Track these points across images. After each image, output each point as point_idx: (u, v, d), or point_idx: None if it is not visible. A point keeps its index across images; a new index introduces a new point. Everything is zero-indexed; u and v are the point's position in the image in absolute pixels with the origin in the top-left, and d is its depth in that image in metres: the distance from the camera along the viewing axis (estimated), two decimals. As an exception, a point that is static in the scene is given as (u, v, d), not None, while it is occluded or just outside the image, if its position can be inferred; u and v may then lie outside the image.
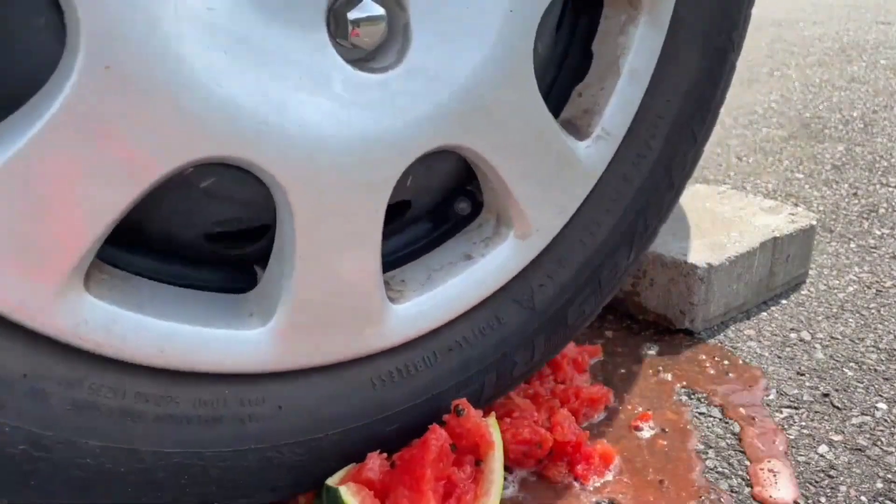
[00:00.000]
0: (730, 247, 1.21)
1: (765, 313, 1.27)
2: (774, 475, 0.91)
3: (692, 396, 1.06)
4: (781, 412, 1.03)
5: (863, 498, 0.88)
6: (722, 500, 0.88)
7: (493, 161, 0.78)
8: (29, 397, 0.63)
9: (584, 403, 1.01)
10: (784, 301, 1.30)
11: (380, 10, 0.67)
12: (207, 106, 0.61)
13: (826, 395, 1.06)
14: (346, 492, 0.76)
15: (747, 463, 0.94)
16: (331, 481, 0.79)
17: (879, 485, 0.90)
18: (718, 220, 1.30)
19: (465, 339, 0.86)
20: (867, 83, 2.55)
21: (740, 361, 1.14)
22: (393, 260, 0.85)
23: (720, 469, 0.93)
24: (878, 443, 0.97)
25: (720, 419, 1.01)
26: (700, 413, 1.03)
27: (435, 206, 0.88)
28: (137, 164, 0.60)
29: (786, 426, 1.00)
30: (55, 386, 0.63)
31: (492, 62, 0.74)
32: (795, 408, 1.04)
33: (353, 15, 0.66)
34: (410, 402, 0.84)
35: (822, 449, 0.96)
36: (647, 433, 0.99)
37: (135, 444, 0.68)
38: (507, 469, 0.91)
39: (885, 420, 1.01)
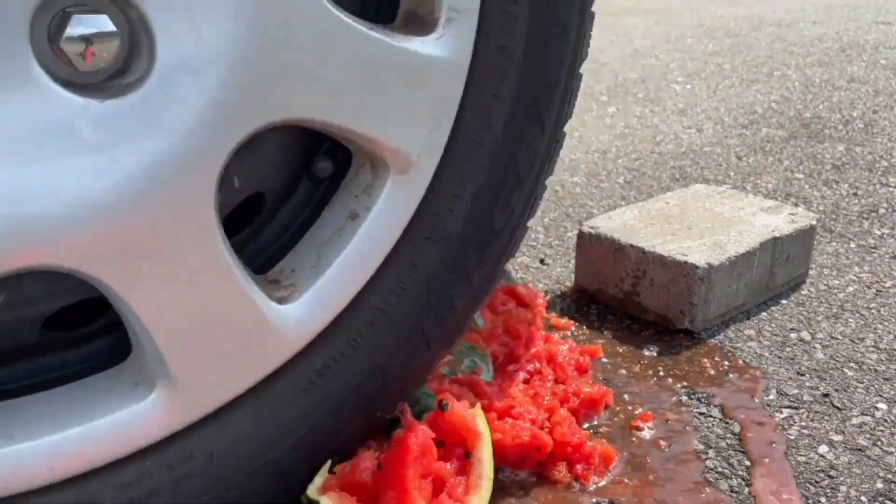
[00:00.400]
0: (730, 247, 1.21)
1: (765, 313, 1.26)
2: (776, 480, 0.91)
3: (692, 396, 1.06)
4: (781, 412, 1.03)
5: (863, 498, 0.88)
6: (722, 500, 0.88)
7: (339, 120, 0.68)
8: None
9: (584, 404, 1.01)
10: (784, 301, 1.30)
11: (109, 25, 0.57)
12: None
13: (826, 395, 1.06)
14: (327, 502, 0.76)
15: (747, 463, 0.94)
16: (311, 491, 0.78)
17: (879, 485, 0.90)
18: (718, 220, 1.30)
19: (386, 301, 0.79)
20: (867, 83, 2.55)
21: (740, 361, 1.14)
22: (274, 251, 0.78)
23: (720, 469, 0.93)
24: (879, 443, 0.97)
25: (720, 419, 1.01)
26: (700, 413, 1.03)
27: (291, 180, 0.79)
28: None
29: (786, 426, 1.00)
30: None
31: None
32: (795, 408, 1.04)
33: (75, 32, 0.56)
34: (354, 383, 0.79)
35: (823, 449, 0.96)
36: (647, 433, 0.99)
37: None
38: (507, 469, 0.91)
39: (886, 420, 1.01)
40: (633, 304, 1.25)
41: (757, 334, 1.21)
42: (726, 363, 1.13)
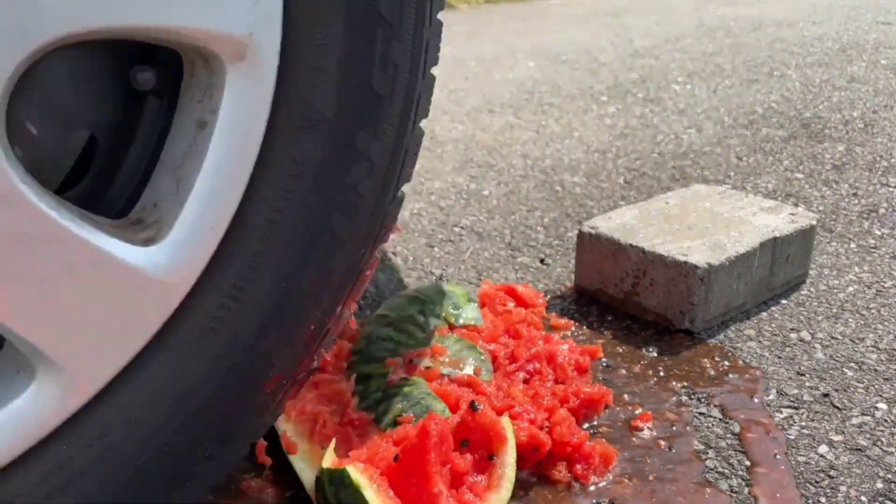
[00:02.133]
0: (730, 247, 1.21)
1: (765, 313, 1.26)
2: (776, 480, 0.91)
3: (692, 396, 1.06)
4: (781, 412, 1.03)
5: (863, 498, 0.88)
6: (722, 500, 0.88)
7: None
8: None
9: (584, 404, 1.01)
10: (784, 301, 1.30)
11: None
12: None
13: (826, 395, 1.06)
14: (353, 471, 0.77)
15: (747, 463, 0.94)
16: (327, 464, 0.79)
17: (879, 485, 0.90)
18: (718, 220, 1.30)
19: (275, 208, 0.69)
20: (867, 83, 2.55)
21: (740, 361, 1.14)
22: (132, 191, 0.69)
23: (720, 469, 0.93)
24: (879, 443, 0.97)
25: (720, 419, 1.01)
26: (700, 413, 1.03)
27: (115, 106, 0.68)
28: None
29: (786, 426, 1.00)
30: None
31: None
32: (795, 408, 1.04)
33: None
34: (267, 307, 0.71)
35: (823, 449, 0.96)
36: (647, 433, 0.99)
37: None
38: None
39: (886, 420, 1.01)
40: (633, 304, 1.25)
41: (757, 334, 1.21)
42: (726, 363, 1.13)
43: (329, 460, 0.81)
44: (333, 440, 0.84)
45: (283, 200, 0.69)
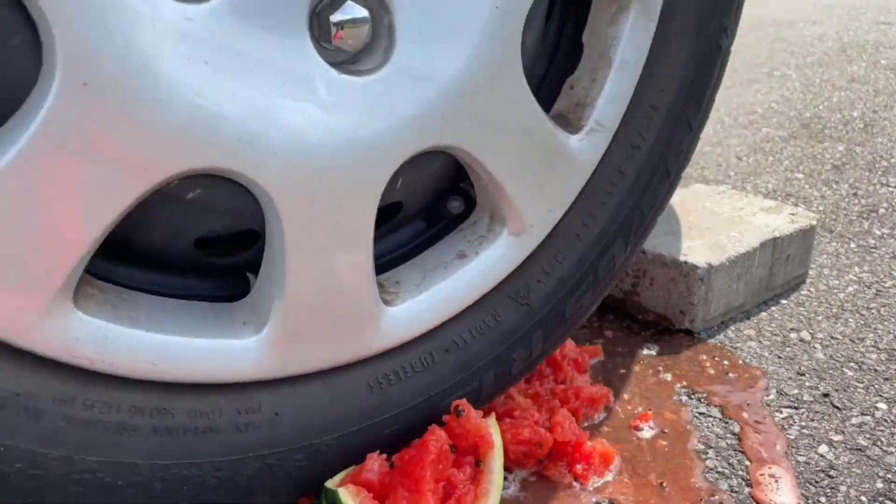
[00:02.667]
0: (730, 247, 1.21)
1: (765, 313, 1.27)
2: (776, 480, 0.91)
3: (692, 396, 1.06)
4: (781, 412, 1.03)
5: (863, 498, 0.88)
6: (722, 500, 0.88)
7: (483, 159, 0.78)
8: (22, 416, 0.62)
9: (584, 403, 1.01)
10: (784, 301, 1.30)
11: (363, 13, 0.66)
12: (189, 118, 0.60)
13: (826, 395, 1.06)
14: (344, 493, 0.76)
15: (747, 463, 0.94)
16: (330, 483, 0.79)
17: (879, 485, 0.90)
18: (718, 220, 1.30)
19: (462, 338, 0.86)
20: (867, 83, 2.55)
21: (740, 361, 1.14)
22: (387, 261, 0.85)
23: (720, 469, 0.93)
24: (879, 443, 0.97)
25: (720, 419, 1.01)
26: (700, 413, 1.03)
27: (427, 205, 0.88)
28: (121, 180, 0.60)
29: (786, 426, 1.00)
30: (48, 403, 0.63)
31: (478, 60, 0.73)
32: (795, 408, 1.04)
33: (335, 18, 0.65)
34: (409, 403, 0.84)
35: (823, 449, 0.96)
36: (647, 433, 0.99)
37: (132, 457, 0.68)
38: (507, 469, 0.91)
39: (886, 420, 1.01)
40: (633, 303, 1.25)
41: (757, 334, 1.21)
42: (726, 363, 1.13)
43: (338, 478, 0.81)
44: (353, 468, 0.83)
45: (648, 114, 0.89)
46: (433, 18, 0.70)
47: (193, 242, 0.74)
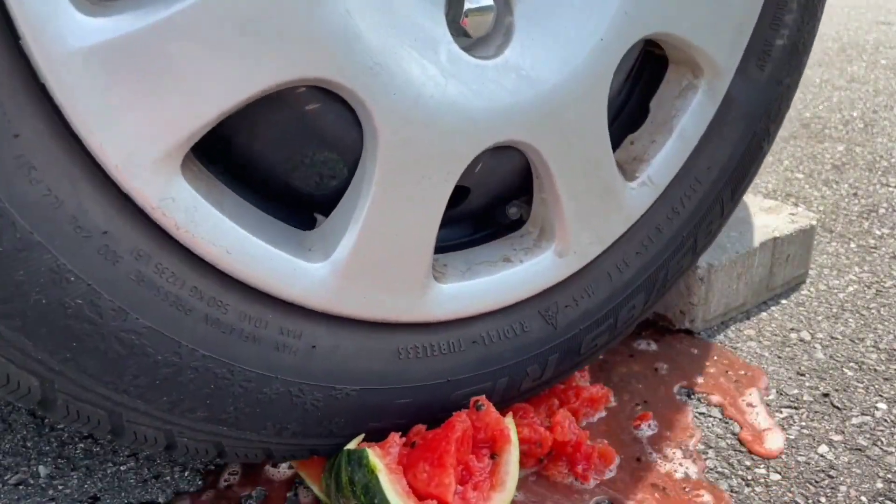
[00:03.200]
0: (729, 247, 1.21)
1: (765, 313, 1.27)
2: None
3: (692, 396, 1.06)
4: (781, 412, 1.03)
5: (863, 498, 0.88)
6: (722, 500, 0.88)
7: (554, 169, 0.84)
8: (101, 255, 0.64)
9: (584, 403, 1.01)
10: (784, 301, 1.30)
11: (489, 3, 0.75)
12: (332, 30, 0.66)
13: (826, 395, 1.06)
14: (372, 454, 0.78)
15: (747, 463, 0.94)
16: (352, 445, 0.81)
17: (879, 485, 0.90)
18: (718, 220, 1.30)
19: (490, 336, 0.89)
20: (867, 83, 2.55)
21: (740, 361, 1.14)
22: (439, 246, 0.87)
23: (720, 469, 0.93)
24: (878, 443, 0.97)
25: (720, 419, 1.01)
26: (700, 413, 1.03)
27: (488, 203, 0.92)
28: (263, 68, 0.64)
29: (786, 426, 1.00)
30: (127, 253, 0.66)
31: (575, 80, 0.81)
32: (795, 408, 1.04)
33: (468, 4, 0.74)
34: (427, 381, 0.86)
35: (823, 449, 0.96)
36: (646, 433, 0.99)
37: (178, 335, 0.70)
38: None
39: (885, 420, 1.01)
40: (633, 303, 1.25)
41: (757, 334, 1.21)
42: (726, 363, 1.13)
43: (353, 444, 0.82)
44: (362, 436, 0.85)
45: (693, 186, 0.99)
46: (547, 31, 0.79)
47: (287, 162, 0.78)
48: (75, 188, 0.62)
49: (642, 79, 0.99)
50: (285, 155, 0.77)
